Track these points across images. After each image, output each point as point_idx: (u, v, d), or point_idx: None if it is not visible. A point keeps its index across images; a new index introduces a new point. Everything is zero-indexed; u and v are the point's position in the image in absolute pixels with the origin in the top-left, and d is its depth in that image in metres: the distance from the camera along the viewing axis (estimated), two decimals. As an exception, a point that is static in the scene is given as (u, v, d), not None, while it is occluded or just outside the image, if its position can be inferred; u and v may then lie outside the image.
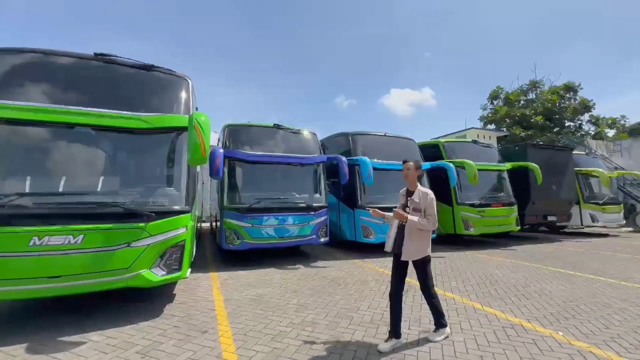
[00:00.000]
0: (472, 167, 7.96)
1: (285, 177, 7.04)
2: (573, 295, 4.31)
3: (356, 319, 3.46)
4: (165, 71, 4.42)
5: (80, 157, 3.60)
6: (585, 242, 9.90)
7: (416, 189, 3.04)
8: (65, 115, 3.41)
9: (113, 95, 4.03)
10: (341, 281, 5.13)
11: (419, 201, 2.96)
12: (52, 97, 3.62)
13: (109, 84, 4.06)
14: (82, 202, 3.32)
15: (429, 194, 2.97)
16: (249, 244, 6.21)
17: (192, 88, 4.72)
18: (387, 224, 7.39)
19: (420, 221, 2.86)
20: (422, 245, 2.95)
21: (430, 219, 2.90)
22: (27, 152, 3.54)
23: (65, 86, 3.79)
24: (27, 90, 3.55)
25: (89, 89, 3.92)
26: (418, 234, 2.92)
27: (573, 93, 26.27)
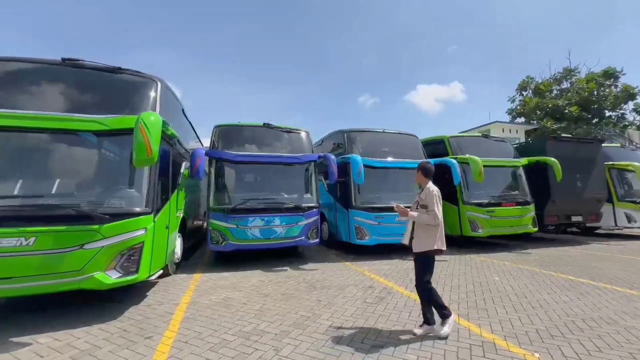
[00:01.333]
0: (477, 163, 7.35)
1: (274, 177, 6.90)
2: (574, 309, 3.75)
3: (310, 329, 3.21)
4: (133, 73, 4.43)
5: (37, 160, 3.68)
6: (616, 245, 8.83)
7: (425, 187, 3.24)
8: (21, 119, 3.48)
9: (80, 99, 4.10)
10: (319, 285, 4.89)
11: (424, 198, 3.16)
12: (18, 103, 3.73)
13: (76, 88, 4.14)
14: (35, 204, 3.37)
15: (431, 190, 3.14)
16: (234, 245, 6.13)
17: (163, 89, 4.70)
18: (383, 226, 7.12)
19: (420, 216, 3.07)
20: (427, 240, 3.08)
21: (431, 214, 3.04)
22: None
23: (32, 91, 3.89)
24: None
25: (56, 94, 4.00)
26: (424, 229, 3.10)
27: (614, 80, 23.78)
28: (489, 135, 8.95)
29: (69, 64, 4.14)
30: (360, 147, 7.79)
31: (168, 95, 5.12)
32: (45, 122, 3.55)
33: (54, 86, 4.06)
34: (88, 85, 4.20)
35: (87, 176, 3.85)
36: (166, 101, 4.93)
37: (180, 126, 6.43)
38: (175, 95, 5.89)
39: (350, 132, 7.94)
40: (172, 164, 5.12)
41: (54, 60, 4.12)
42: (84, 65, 4.20)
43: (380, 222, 7.08)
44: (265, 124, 7.17)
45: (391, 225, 7.14)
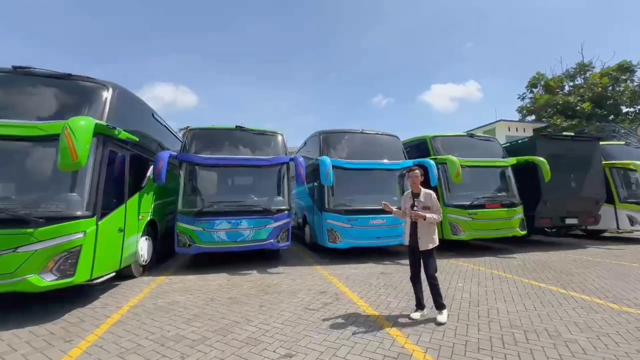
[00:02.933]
0: (454, 163, 7.08)
1: (243, 179, 6.89)
2: (522, 319, 3.50)
3: (231, 336, 3.14)
4: (84, 79, 4.51)
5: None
6: (616, 249, 8.28)
7: (420, 191, 3.66)
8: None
9: (31, 105, 4.21)
10: (272, 290, 4.81)
11: (425, 200, 3.59)
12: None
13: (27, 95, 4.25)
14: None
15: (432, 194, 3.64)
16: (201, 248, 6.14)
17: (117, 94, 4.76)
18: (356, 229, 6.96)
19: (434, 216, 3.52)
20: (433, 237, 3.59)
21: (438, 212, 3.57)
22: None
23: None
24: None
25: (7, 101, 4.13)
26: (429, 228, 3.57)
27: (629, 74, 22.49)
28: (474, 134, 8.59)
29: (20, 72, 4.27)
30: (337, 148, 7.67)
31: (126, 101, 5.19)
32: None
33: (5, 93, 4.18)
34: (39, 92, 4.31)
35: (27, 180, 3.93)
36: (122, 106, 4.99)
37: (149, 130, 6.55)
38: (140, 101, 5.98)
39: (325, 133, 7.83)
40: (131, 168, 5.18)
41: (5, 69, 4.25)
42: (35, 73, 4.31)
43: (354, 225, 6.93)
44: (238, 127, 7.17)
45: (365, 228, 6.98)
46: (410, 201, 3.70)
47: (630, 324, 3.33)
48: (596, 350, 2.76)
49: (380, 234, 7.08)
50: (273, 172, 6.91)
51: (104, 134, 4.20)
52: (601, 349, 2.78)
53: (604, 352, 2.73)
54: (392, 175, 7.63)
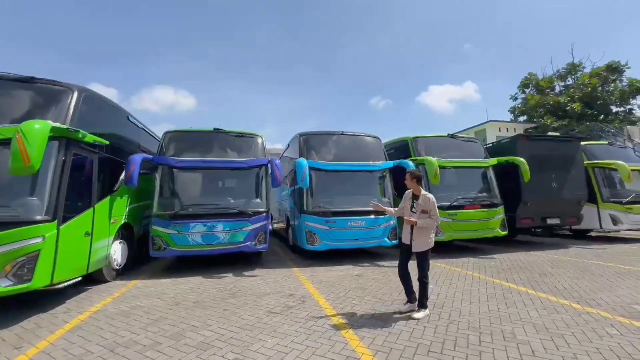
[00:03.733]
0: (432, 164, 7.08)
1: (219, 182, 6.87)
2: (482, 321, 3.48)
3: (184, 341, 3.10)
4: (47, 82, 4.48)
5: None
6: (597, 249, 8.30)
7: (421, 194, 3.74)
8: None
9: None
10: (241, 293, 4.77)
11: (423, 204, 3.67)
12: None
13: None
14: None
15: (430, 198, 3.70)
16: (175, 252, 6.11)
17: (83, 97, 4.72)
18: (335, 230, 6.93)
19: (427, 221, 3.64)
20: (427, 240, 3.70)
21: (434, 217, 3.66)
22: None
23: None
24: None
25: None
26: (424, 232, 3.68)
27: (618, 74, 22.64)
28: (455, 135, 8.59)
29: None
30: (317, 150, 7.65)
31: (94, 104, 5.16)
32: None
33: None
34: (1, 96, 4.27)
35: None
36: (90, 109, 4.96)
37: (124, 133, 6.52)
38: (112, 103, 5.94)
39: (305, 135, 7.81)
40: (101, 171, 5.14)
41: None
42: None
43: (332, 227, 6.91)
44: (216, 129, 7.15)
45: (343, 230, 6.96)
46: (410, 202, 3.79)
47: (587, 325, 3.32)
48: (545, 352, 2.74)
49: (359, 236, 7.06)
50: (250, 174, 6.88)
51: (66, 137, 4.17)
52: (551, 351, 2.77)
53: (552, 353, 2.72)
54: (371, 177, 7.62)
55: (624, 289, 4.59)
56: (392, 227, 7.39)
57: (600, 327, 3.24)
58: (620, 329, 3.20)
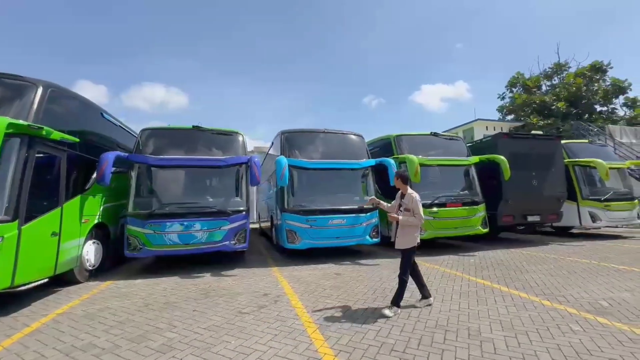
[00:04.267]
0: (413, 162, 7.09)
1: (197, 180, 6.74)
2: (451, 319, 3.48)
3: (145, 344, 3.02)
4: (10, 77, 4.31)
5: None
6: (576, 245, 8.45)
7: (407, 193, 3.83)
8: None
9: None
10: (215, 293, 4.69)
11: (407, 203, 3.77)
12: None
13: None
14: None
15: (414, 197, 3.75)
16: (151, 252, 5.99)
17: (50, 93, 4.57)
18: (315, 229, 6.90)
19: (408, 219, 3.70)
20: (410, 238, 3.72)
21: (417, 216, 3.70)
22: None
23: None
24: None
25: None
26: (407, 230, 3.72)
27: (602, 74, 23.09)
28: (438, 133, 8.62)
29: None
30: (299, 148, 7.58)
31: (63, 100, 5.01)
32: None
33: None
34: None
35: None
36: (58, 106, 4.81)
37: (98, 130, 6.35)
38: (84, 100, 5.78)
39: (287, 132, 7.73)
40: (70, 169, 4.99)
41: None
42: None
43: (313, 226, 6.86)
44: (195, 126, 7.03)
45: (324, 228, 6.92)
46: (398, 201, 3.92)
47: (553, 321, 3.34)
48: (507, 350, 2.75)
49: (340, 234, 7.03)
50: (230, 173, 6.78)
51: (28, 134, 4.02)
52: (512, 348, 2.77)
53: (513, 350, 2.73)
54: (353, 175, 7.59)
55: (594, 285, 4.65)
56: (374, 225, 7.38)
57: (565, 324, 3.27)
58: (584, 325, 3.23)
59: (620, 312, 3.57)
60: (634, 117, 22.22)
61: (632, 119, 22.10)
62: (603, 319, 3.36)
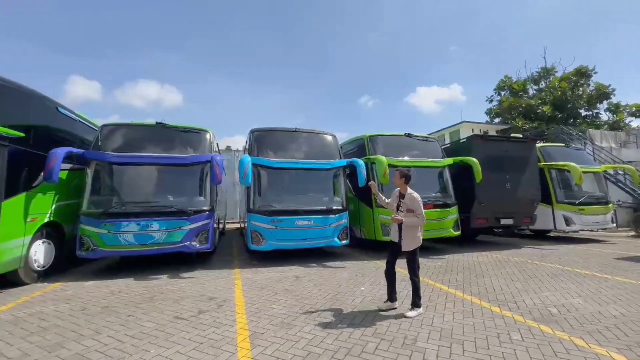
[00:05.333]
0: (382, 163, 6.97)
1: (160, 178, 6.51)
2: (391, 327, 3.35)
3: (58, 353, 2.82)
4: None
5: None
6: (547, 249, 8.42)
7: (407, 192, 3.78)
8: None
9: None
10: (162, 297, 4.49)
11: (409, 203, 3.73)
12: None
13: None
14: None
15: (416, 197, 3.74)
16: (104, 252, 5.75)
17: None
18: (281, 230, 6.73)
19: (412, 220, 3.68)
20: (415, 239, 3.74)
21: (420, 216, 3.70)
22: None
23: None
24: None
25: None
26: (412, 231, 3.73)
27: (586, 79, 23.36)
28: (412, 134, 8.52)
29: None
30: (268, 146, 7.40)
31: (6, 94, 4.77)
32: None
33: None
34: None
35: None
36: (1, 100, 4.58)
37: (53, 125, 6.10)
38: (35, 94, 5.52)
39: (256, 131, 7.54)
40: (14, 165, 4.75)
41: None
42: None
43: (278, 227, 6.69)
44: (159, 123, 6.81)
45: (290, 229, 6.76)
46: (397, 200, 3.85)
47: (495, 329, 3.23)
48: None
49: (308, 236, 6.88)
50: (193, 171, 6.57)
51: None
52: (442, 359, 2.64)
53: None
54: (322, 175, 7.44)
55: (551, 291, 4.57)
56: (344, 227, 7.25)
57: (506, 332, 3.16)
58: (525, 334, 3.12)
59: (567, 319, 3.47)
60: (616, 122, 22.55)
61: (615, 124, 22.42)
62: (546, 328, 3.26)
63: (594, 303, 4.00)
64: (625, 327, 3.24)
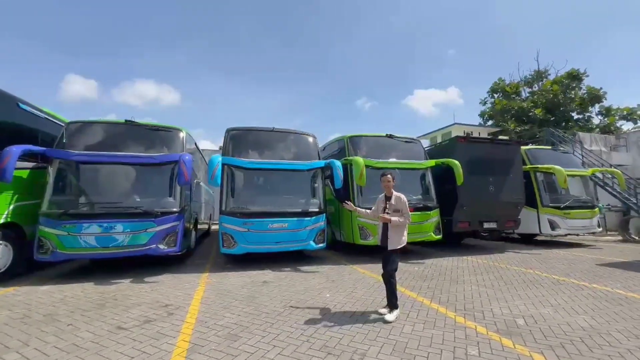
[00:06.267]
0: (358, 164, 6.77)
1: (126, 178, 6.26)
2: (343, 339, 3.14)
3: (-30, 368, 2.59)
4: None
5: None
6: (531, 254, 8.26)
7: (392, 195, 3.85)
8: None
9: None
10: (115, 303, 4.25)
11: (395, 204, 3.79)
12: None
13: None
14: None
15: (401, 197, 3.81)
16: (63, 255, 5.49)
17: None
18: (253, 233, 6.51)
19: (400, 219, 3.71)
20: (401, 238, 3.75)
21: (406, 215, 3.75)
22: None
23: None
24: None
25: None
26: (397, 230, 3.74)
27: (578, 82, 23.35)
28: (394, 135, 8.32)
29: None
30: (243, 146, 7.18)
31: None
32: None
33: None
34: None
35: None
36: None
37: (11, 121, 5.84)
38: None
39: (232, 130, 7.31)
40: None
41: None
42: None
43: (250, 229, 6.46)
44: (128, 121, 6.57)
45: (263, 232, 6.53)
46: (382, 204, 3.90)
47: (453, 343, 3.02)
48: (379, 380, 2.41)
49: (281, 239, 6.65)
50: (161, 171, 6.32)
51: None
52: (386, 378, 2.43)
53: (385, 381, 2.38)
54: (299, 176, 7.22)
55: (523, 299, 4.38)
56: (320, 230, 7.03)
57: (463, 346, 2.95)
58: (484, 348, 2.92)
59: (532, 332, 3.28)
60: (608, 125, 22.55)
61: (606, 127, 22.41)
62: (507, 341, 3.06)
63: (564, 313, 3.81)
64: (591, 341, 3.05)
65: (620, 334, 3.19)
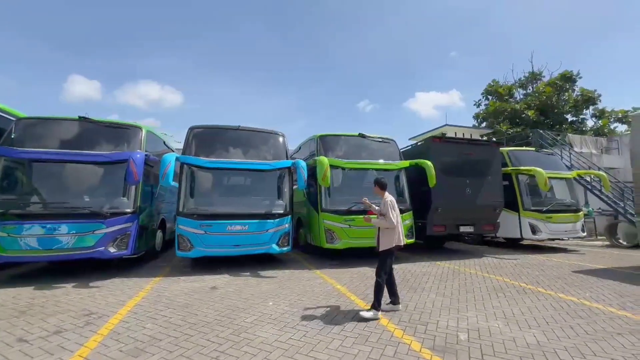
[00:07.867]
0: (322, 164, 6.48)
1: (76, 178, 5.99)
2: (275, 350, 2.84)
3: None
4: None
5: None
6: (507, 259, 7.93)
7: (383, 198, 3.99)
8: None
9: None
10: (35, 311, 3.95)
11: (381, 207, 3.95)
12: None
13: None
14: None
15: (387, 201, 3.88)
16: (3, 258, 5.22)
17: None
18: (210, 235, 6.22)
19: (380, 222, 3.88)
20: (388, 240, 3.83)
21: (387, 219, 3.78)
22: None
23: None
24: None
25: None
26: (384, 232, 3.87)
27: (571, 84, 23.04)
28: (365, 135, 8.02)
29: None
30: (206, 145, 6.88)
31: None
32: None
33: None
34: None
35: None
36: None
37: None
38: None
39: (195, 128, 6.99)
40: None
41: None
42: None
43: (207, 232, 6.17)
44: (82, 117, 6.30)
45: (221, 234, 6.24)
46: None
47: None
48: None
49: (240, 242, 6.36)
50: (115, 170, 6.04)
51: None
52: (279, 405, 2.13)
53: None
54: (262, 176, 6.93)
55: (478, 310, 4.07)
56: (284, 232, 6.73)
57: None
58: (409, 368, 2.61)
59: (470, 349, 2.97)
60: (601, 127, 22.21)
61: (599, 130, 22.08)
62: None
63: (514, 327, 3.50)
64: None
65: (565, 353, 2.88)
